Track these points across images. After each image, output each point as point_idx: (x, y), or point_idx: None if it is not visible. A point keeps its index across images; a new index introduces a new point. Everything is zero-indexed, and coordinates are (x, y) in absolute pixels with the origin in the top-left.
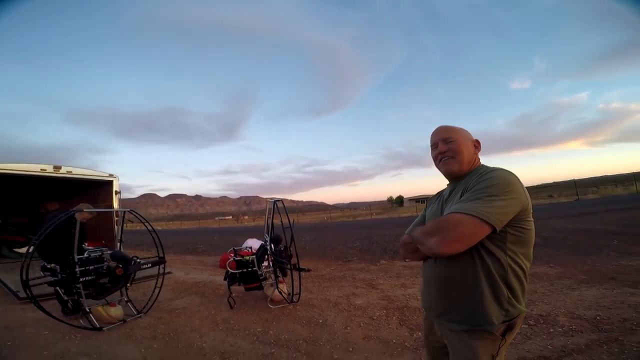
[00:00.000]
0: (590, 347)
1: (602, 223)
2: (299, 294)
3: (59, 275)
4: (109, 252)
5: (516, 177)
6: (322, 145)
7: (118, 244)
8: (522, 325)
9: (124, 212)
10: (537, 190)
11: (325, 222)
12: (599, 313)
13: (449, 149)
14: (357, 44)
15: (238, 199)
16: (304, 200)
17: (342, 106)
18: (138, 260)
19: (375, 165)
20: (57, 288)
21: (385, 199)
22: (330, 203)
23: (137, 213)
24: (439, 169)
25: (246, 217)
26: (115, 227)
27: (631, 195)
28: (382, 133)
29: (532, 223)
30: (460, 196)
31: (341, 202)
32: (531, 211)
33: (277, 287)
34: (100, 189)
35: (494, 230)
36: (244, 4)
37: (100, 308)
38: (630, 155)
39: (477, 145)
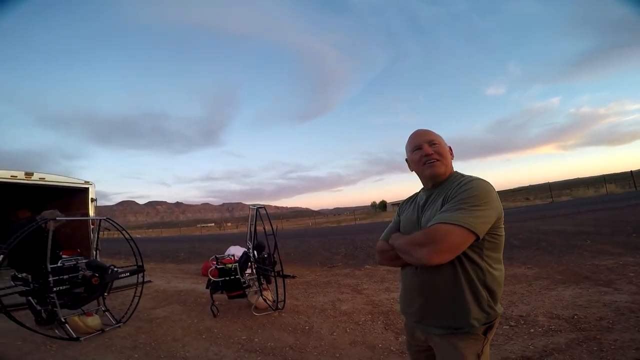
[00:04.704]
0: (570, 347)
1: (575, 224)
2: (284, 300)
3: (31, 285)
4: (84, 261)
5: (492, 186)
6: (305, 151)
7: (94, 253)
8: (504, 327)
9: (100, 219)
10: (514, 193)
11: (310, 228)
12: (576, 312)
13: (435, 151)
14: (342, 49)
15: (220, 205)
16: (288, 206)
17: (325, 111)
18: (115, 269)
19: (358, 171)
20: (30, 298)
21: (369, 204)
22: (315, 209)
23: (112, 220)
24: (421, 172)
25: (229, 224)
26: (91, 235)
27: (601, 196)
28: (365, 139)
29: (503, 229)
30: (442, 204)
31: (325, 207)
32: (503, 218)
33: (262, 295)
34: (75, 196)
35: (477, 238)
36: (227, 7)
37: (76, 318)
38: (598, 158)
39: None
